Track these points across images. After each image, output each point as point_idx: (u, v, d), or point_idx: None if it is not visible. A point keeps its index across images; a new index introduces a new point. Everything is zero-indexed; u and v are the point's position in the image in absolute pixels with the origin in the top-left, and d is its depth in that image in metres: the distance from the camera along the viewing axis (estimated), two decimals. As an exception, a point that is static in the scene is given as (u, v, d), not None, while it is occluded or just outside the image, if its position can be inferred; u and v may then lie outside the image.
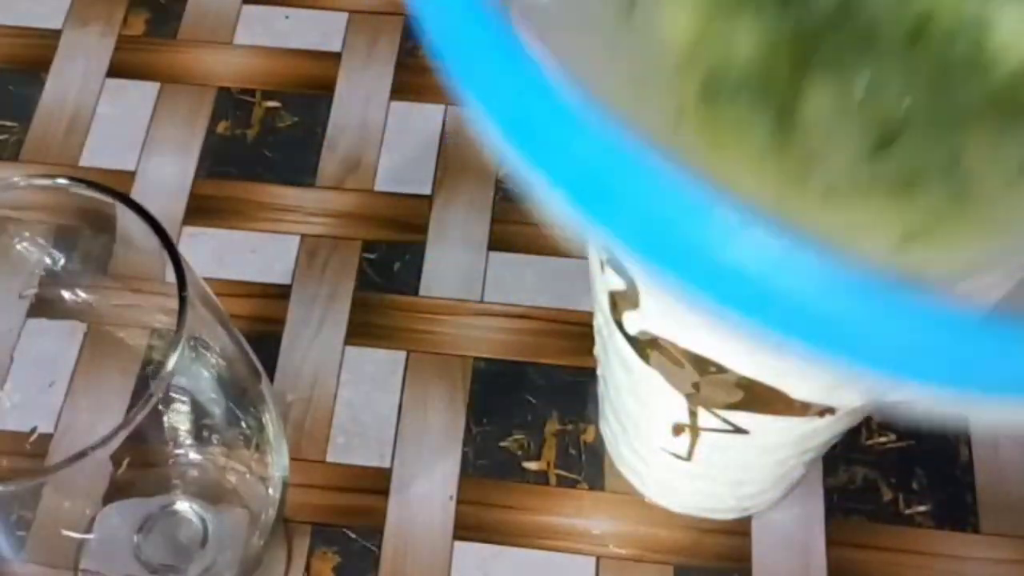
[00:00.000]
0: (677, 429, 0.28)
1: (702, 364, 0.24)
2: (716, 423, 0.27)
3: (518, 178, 0.15)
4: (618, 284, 0.24)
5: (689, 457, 0.30)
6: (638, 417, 0.30)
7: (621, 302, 0.25)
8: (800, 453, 0.29)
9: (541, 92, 0.14)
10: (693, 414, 0.27)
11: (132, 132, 0.43)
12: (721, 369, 0.24)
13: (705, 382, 0.25)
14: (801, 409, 0.25)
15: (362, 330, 0.38)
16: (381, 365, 0.38)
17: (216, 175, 0.42)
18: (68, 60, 0.44)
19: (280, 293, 0.39)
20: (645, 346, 0.25)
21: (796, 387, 0.24)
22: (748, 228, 0.13)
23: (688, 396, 0.26)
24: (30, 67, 0.44)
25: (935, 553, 0.34)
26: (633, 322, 0.25)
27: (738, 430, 0.27)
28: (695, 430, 0.28)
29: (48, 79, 0.44)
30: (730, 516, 0.34)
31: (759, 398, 0.25)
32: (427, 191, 0.41)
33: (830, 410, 0.25)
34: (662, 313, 0.24)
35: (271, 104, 0.43)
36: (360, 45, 0.45)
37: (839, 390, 0.24)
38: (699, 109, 0.19)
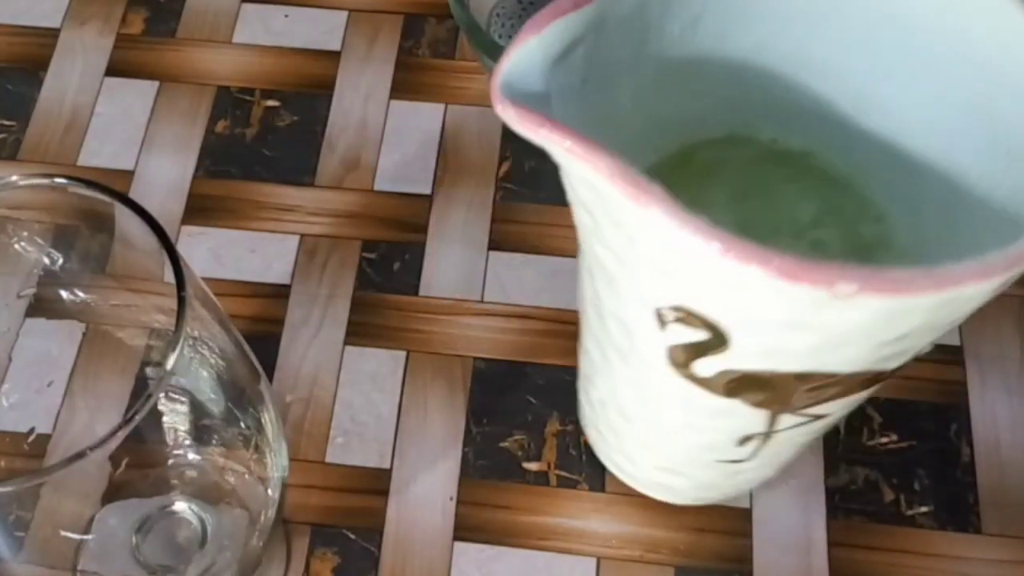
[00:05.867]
0: (744, 440, 0.28)
1: (807, 378, 0.24)
2: (797, 420, 0.26)
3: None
4: (693, 336, 0.24)
5: (752, 458, 0.29)
6: (691, 444, 0.29)
7: (692, 353, 0.24)
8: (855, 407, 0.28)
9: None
10: (772, 422, 0.26)
11: (131, 131, 0.43)
12: (829, 376, 0.23)
13: (803, 389, 0.24)
14: (889, 376, 0.24)
15: (362, 330, 0.38)
16: (381, 365, 0.38)
17: (215, 174, 0.42)
18: (66, 59, 0.44)
19: (279, 293, 0.39)
20: (723, 381, 0.25)
21: (898, 361, 0.24)
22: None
23: (774, 407, 0.26)
24: (28, 66, 0.44)
25: (936, 554, 0.34)
26: (712, 365, 0.24)
27: (817, 417, 0.26)
28: (768, 435, 0.27)
29: (46, 78, 0.44)
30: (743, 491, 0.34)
31: (857, 384, 0.24)
32: (427, 191, 0.41)
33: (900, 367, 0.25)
34: (768, 347, 0.23)
35: (270, 103, 0.43)
36: (360, 44, 0.44)
37: (932, 344, 0.24)
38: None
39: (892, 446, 0.36)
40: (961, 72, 0.25)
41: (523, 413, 0.37)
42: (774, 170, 0.30)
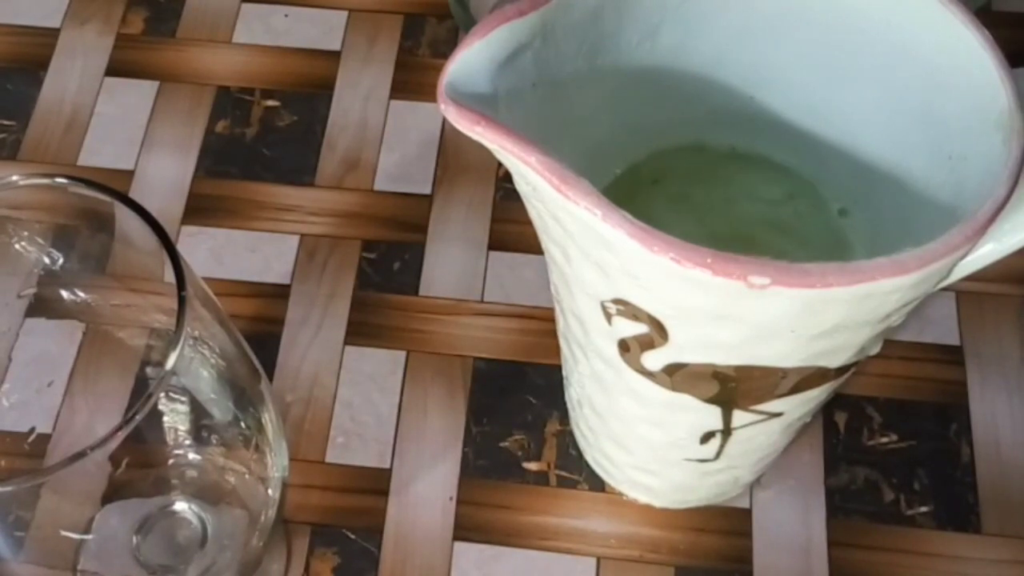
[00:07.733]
0: (706, 437, 0.28)
1: (748, 372, 0.24)
2: (751, 417, 0.27)
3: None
4: (635, 329, 0.24)
5: (717, 457, 0.29)
6: (655, 441, 0.30)
7: (637, 346, 0.25)
8: (815, 408, 0.29)
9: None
10: (727, 419, 0.27)
11: (131, 131, 0.43)
12: (769, 371, 0.24)
13: (747, 384, 0.25)
14: (836, 375, 0.25)
15: (361, 330, 0.38)
16: (381, 365, 0.38)
17: (215, 174, 0.42)
18: (67, 59, 0.44)
19: (279, 293, 0.39)
20: (671, 375, 0.25)
21: (838, 358, 0.24)
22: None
23: (724, 403, 0.26)
24: (29, 66, 0.44)
25: (936, 554, 0.34)
26: (657, 358, 0.25)
27: (772, 415, 0.27)
28: (728, 432, 0.28)
29: (46, 78, 0.44)
30: (737, 492, 0.35)
31: (802, 381, 0.25)
32: (427, 190, 0.41)
33: (856, 363, 0.25)
34: (702, 339, 0.23)
35: (270, 103, 0.43)
36: (360, 43, 0.44)
37: (875, 342, 0.24)
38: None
39: (892, 446, 0.36)
40: (909, 80, 0.26)
41: (523, 413, 0.37)
42: (738, 165, 0.31)
